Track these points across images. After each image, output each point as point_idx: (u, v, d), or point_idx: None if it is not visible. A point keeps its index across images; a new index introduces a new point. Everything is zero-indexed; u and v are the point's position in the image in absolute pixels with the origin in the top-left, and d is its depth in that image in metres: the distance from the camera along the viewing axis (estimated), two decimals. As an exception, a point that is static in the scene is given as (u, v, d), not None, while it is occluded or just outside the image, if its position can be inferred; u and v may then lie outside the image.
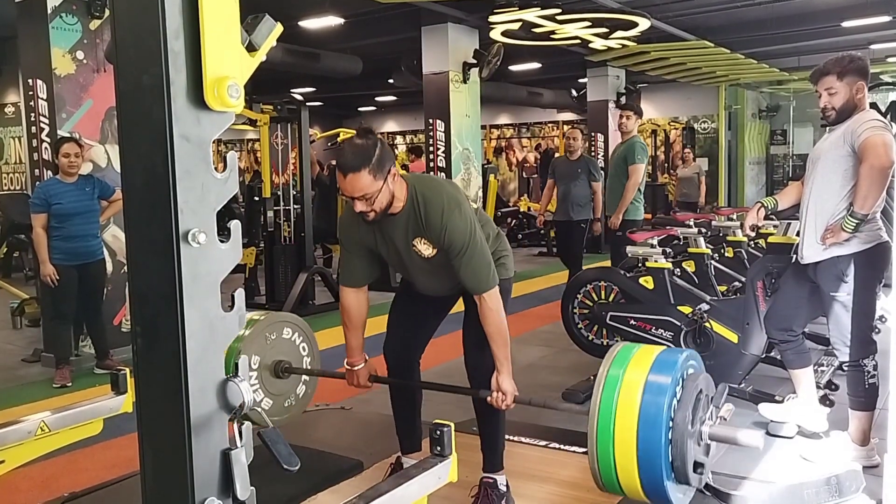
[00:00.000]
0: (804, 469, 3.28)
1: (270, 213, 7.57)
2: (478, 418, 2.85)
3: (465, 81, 8.82)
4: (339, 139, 10.28)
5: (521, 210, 13.57)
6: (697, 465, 2.13)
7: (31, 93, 5.43)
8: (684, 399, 2.08)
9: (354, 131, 2.56)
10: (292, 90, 13.42)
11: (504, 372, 2.60)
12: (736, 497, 2.88)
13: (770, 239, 4.56)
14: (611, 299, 4.68)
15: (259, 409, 1.46)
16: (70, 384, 4.98)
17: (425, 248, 2.63)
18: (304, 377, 3.18)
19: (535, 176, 17.12)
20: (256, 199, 8.14)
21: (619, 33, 8.67)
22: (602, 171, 7.09)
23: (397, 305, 3.01)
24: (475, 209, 2.83)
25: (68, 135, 5.24)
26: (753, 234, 3.92)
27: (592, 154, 12.51)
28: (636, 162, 5.94)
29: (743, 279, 4.66)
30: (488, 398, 2.62)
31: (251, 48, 1.31)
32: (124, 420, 2.40)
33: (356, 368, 2.89)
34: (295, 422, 4.05)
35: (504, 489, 2.83)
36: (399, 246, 2.68)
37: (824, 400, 3.76)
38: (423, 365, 3.02)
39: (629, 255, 4.81)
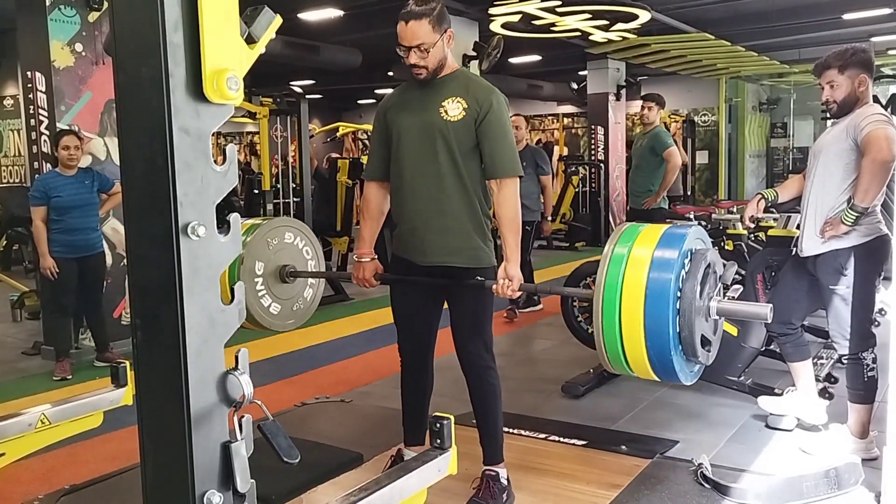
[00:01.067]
0: (803, 462, 3.28)
1: (270, 206, 7.56)
2: (475, 412, 2.86)
3: (465, 74, 8.80)
4: (338, 133, 10.28)
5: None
6: (705, 341, 2.10)
7: (29, 85, 5.42)
8: (692, 272, 2.04)
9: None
10: (292, 83, 13.39)
11: (512, 260, 2.65)
12: (735, 489, 2.89)
13: (770, 232, 4.55)
14: (610, 292, 4.67)
15: (259, 402, 1.46)
16: (70, 377, 4.99)
17: (454, 108, 2.66)
18: (311, 280, 3.16)
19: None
20: (256, 192, 8.14)
21: (620, 25, 8.66)
22: (548, 164, 6.63)
23: (397, 304, 2.97)
24: None
25: (67, 127, 5.23)
26: (753, 226, 3.92)
27: (592, 147, 12.51)
28: (668, 146, 5.97)
29: (743, 272, 4.66)
30: (494, 286, 2.63)
31: (250, 40, 1.30)
32: (124, 413, 2.41)
33: (363, 261, 2.93)
34: (295, 415, 4.07)
35: (505, 482, 2.84)
36: (424, 116, 2.69)
37: (823, 393, 3.77)
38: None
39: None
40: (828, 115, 3.42)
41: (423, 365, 2.98)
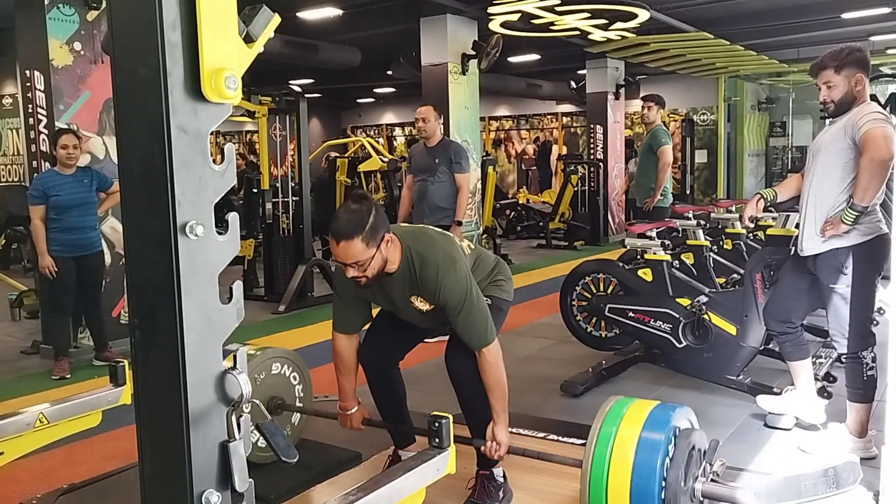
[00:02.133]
0: (802, 460, 3.28)
1: (269, 206, 7.55)
2: (465, 416, 2.82)
3: (463, 73, 8.80)
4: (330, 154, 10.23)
5: (520, 202, 13.56)
6: None
7: (28, 84, 5.41)
8: (677, 456, 2.11)
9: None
10: (291, 82, 13.39)
11: (500, 423, 2.61)
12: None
13: (769, 231, 4.56)
14: (609, 291, 4.68)
15: (257, 402, 1.46)
16: (69, 376, 4.98)
17: (422, 304, 2.65)
18: (298, 403, 3.24)
19: (534, 168, 17.10)
20: (255, 191, 8.13)
21: (619, 24, 8.65)
22: (467, 160, 5.50)
23: (384, 314, 2.95)
24: (470, 246, 2.85)
25: (66, 126, 5.23)
26: (752, 226, 3.92)
27: (591, 146, 12.51)
28: (662, 144, 6.13)
29: (742, 271, 4.66)
30: (482, 448, 2.64)
31: (248, 39, 1.30)
32: (123, 412, 2.41)
33: (350, 412, 2.92)
34: (294, 414, 4.05)
35: (501, 480, 2.84)
36: (397, 301, 2.69)
37: (822, 392, 3.77)
38: (411, 360, 3.04)
39: (627, 246, 4.82)
40: (826, 115, 3.42)
41: (387, 370, 2.97)
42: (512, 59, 12.16)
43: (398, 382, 2.99)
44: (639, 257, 4.84)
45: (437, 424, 2.06)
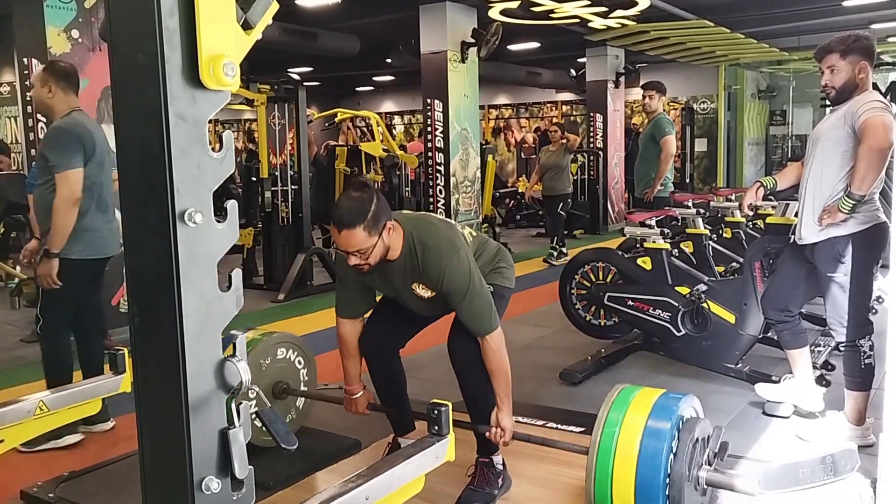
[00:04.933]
0: (800, 448, 3.30)
1: (268, 194, 7.53)
2: (467, 405, 2.82)
3: (463, 61, 8.77)
4: (336, 119, 10.23)
5: (520, 191, 13.54)
6: None
7: (26, 72, 5.39)
8: (681, 447, 2.13)
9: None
10: (289, 70, 13.34)
11: (505, 409, 2.61)
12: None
13: (768, 220, 4.55)
14: (609, 280, 4.68)
15: (257, 389, 1.46)
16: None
17: (424, 291, 2.64)
18: (303, 386, 3.24)
19: (534, 156, 17.06)
20: (254, 179, 8.11)
21: (619, 12, 8.62)
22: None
23: (385, 302, 2.95)
24: (472, 234, 2.84)
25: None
26: (752, 214, 3.92)
27: (591, 135, 12.48)
28: (665, 134, 6.04)
29: (741, 260, 4.66)
30: (487, 433, 2.65)
31: (247, 26, 1.30)
32: (123, 399, 2.41)
33: (355, 396, 2.93)
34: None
35: (501, 468, 2.85)
36: (398, 287, 2.69)
37: (820, 380, 3.78)
38: (413, 347, 3.04)
39: (627, 235, 4.82)
40: (827, 103, 3.41)
41: (388, 357, 2.97)
42: (511, 47, 12.12)
43: (399, 370, 3.00)
44: (638, 246, 4.84)
45: (436, 412, 2.07)
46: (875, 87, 3.48)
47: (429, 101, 8.76)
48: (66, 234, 3.36)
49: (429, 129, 8.81)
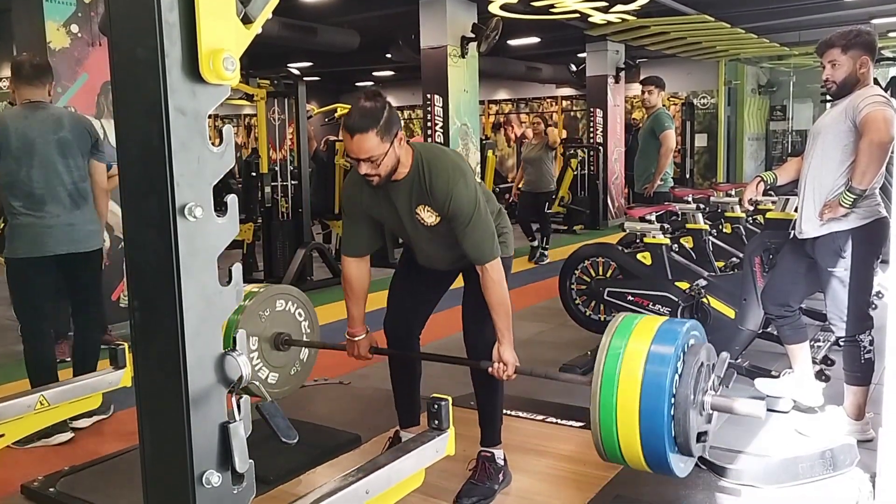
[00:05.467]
0: (799, 443, 3.30)
1: (268, 189, 7.53)
2: (476, 392, 2.86)
3: (463, 56, 8.76)
4: (336, 114, 10.22)
5: (519, 186, 13.53)
6: (700, 435, 2.13)
7: (25, 67, 5.38)
8: (686, 371, 2.08)
9: (359, 97, 2.53)
10: (289, 65, 13.33)
11: (505, 342, 2.60)
12: (731, 470, 2.90)
13: (768, 215, 4.55)
14: (608, 275, 4.68)
15: (257, 383, 1.46)
16: (69, 359, 4.98)
17: (429, 216, 2.62)
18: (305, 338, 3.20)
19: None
20: (254, 174, 8.11)
21: (619, 7, 8.61)
22: None
23: (397, 281, 3.01)
24: (478, 183, 2.82)
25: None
26: (752, 209, 3.92)
27: (591, 130, 12.47)
28: (665, 129, 6.05)
29: (741, 255, 4.66)
30: (489, 369, 2.62)
31: (247, 20, 1.30)
32: (123, 394, 2.42)
33: (357, 339, 2.89)
34: (293, 396, 4.07)
35: (501, 463, 2.86)
36: (402, 213, 2.66)
37: (820, 375, 3.78)
38: (422, 340, 3.03)
39: (627, 230, 4.82)
40: (828, 97, 3.40)
41: (409, 342, 2.97)
42: (511, 42, 12.10)
43: (417, 359, 3.01)
44: (638, 241, 4.84)
45: (436, 406, 2.07)
46: (876, 82, 3.47)
47: (429, 96, 8.76)
48: None
49: (429, 124, 8.81)
